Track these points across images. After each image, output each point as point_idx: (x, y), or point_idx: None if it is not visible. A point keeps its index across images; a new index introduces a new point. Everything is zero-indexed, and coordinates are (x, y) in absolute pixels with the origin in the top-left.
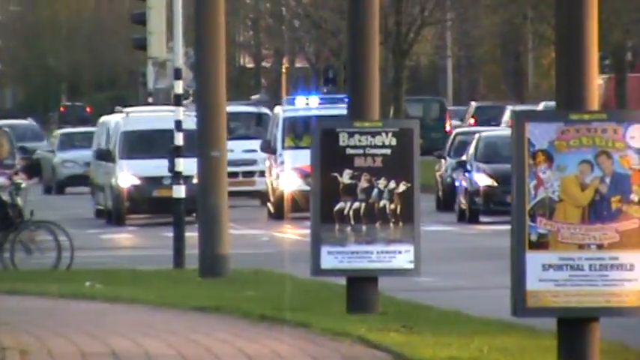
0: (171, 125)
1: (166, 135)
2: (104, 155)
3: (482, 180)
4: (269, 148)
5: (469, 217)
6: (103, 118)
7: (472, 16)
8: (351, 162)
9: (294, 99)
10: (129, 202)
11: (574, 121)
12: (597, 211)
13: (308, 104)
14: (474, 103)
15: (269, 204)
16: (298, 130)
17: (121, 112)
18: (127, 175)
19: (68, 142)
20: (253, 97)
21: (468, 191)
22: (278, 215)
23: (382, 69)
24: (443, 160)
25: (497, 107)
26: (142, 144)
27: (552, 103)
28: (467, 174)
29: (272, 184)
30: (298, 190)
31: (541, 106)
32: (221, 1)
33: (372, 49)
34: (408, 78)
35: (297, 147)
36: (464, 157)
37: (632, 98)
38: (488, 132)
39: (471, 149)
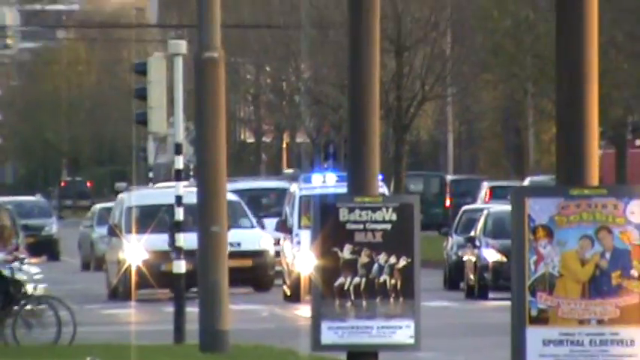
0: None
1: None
2: (113, 230)
3: (491, 255)
4: (285, 228)
5: (478, 293)
6: (121, 195)
7: (473, 91)
8: (352, 237)
9: (310, 176)
10: (138, 276)
11: (574, 196)
12: (597, 286)
13: (325, 182)
14: (449, 177)
15: (284, 286)
16: None
17: (121, 189)
18: (134, 249)
19: (107, 218)
20: (286, 171)
21: (476, 267)
22: (295, 298)
23: (383, 144)
24: (450, 237)
25: (474, 181)
26: (148, 219)
27: (540, 178)
28: (475, 250)
29: (288, 266)
30: None
31: (527, 181)
32: (221, 75)
33: (372, 124)
34: (408, 153)
35: None
36: (472, 233)
37: (633, 174)
38: (497, 207)
39: (480, 225)
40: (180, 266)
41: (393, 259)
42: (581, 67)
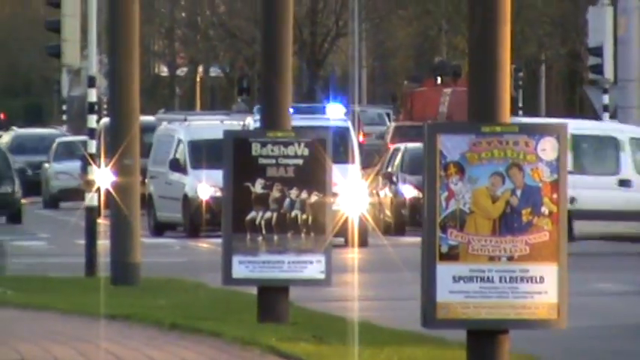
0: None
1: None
2: (176, 165)
3: (409, 192)
4: None
5: (395, 229)
6: (168, 127)
7: (387, 28)
8: (264, 172)
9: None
10: (208, 214)
11: (486, 133)
12: (508, 223)
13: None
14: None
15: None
16: None
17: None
18: (205, 186)
19: (67, 152)
20: (234, 106)
21: (393, 203)
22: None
23: (296, 79)
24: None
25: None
26: (210, 154)
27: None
28: (393, 186)
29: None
30: None
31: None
32: (135, 9)
33: (285, 58)
34: (322, 88)
35: None
36: (389, 169)
37: (455, 112)
38: (415, 144)
39: (397, 161)
40: (93, 199)
41: (304, 194)
42: (493, 6)
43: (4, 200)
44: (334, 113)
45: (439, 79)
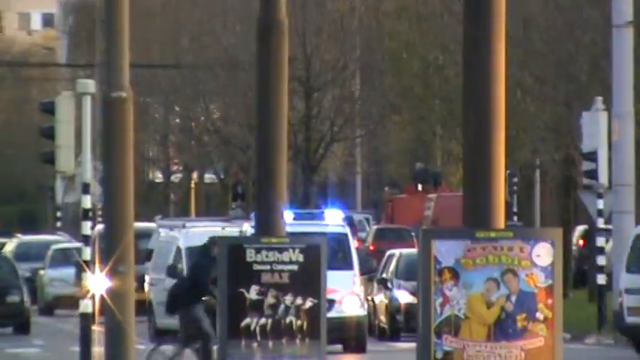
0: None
1: None
2: (173, 271)
3: (404, 297)
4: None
5: (390, 334)
6: (169, 233)
7: (381, 133)
8: (258, 278)
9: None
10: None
11: (480, 239)
12: (503, 329)
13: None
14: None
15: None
16: None
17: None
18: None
19: (63, 259)
20: (231, 212)
21: (389, 309)
22: None
23: (291, 185)
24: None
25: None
26: None
27: None
28: (388, 291)
29: None
30: None
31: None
32: (129, 115)
33: (280, 164)
34: (316, 194)
35: None
36: (384, 275)
37: (440, 216)
38: (410, 250)
39: (392, 266)
40: (87, 306)
41: (299, 300)
42: (488, 111)
43: (13, 310)
44: (332, 219)
45: (419, 186)
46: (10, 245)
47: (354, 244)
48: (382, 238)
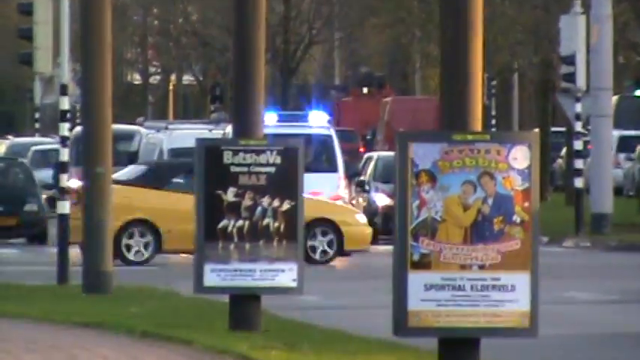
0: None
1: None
2: None
3: (382, 200)
4: None
5: None
6: (152, 136)
7: (360, 36)
8: (236, 180)
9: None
10: None
11: (457, 141)
12: (479, 231)
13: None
14: None
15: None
16: None
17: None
18: None
19: (42, 160)
20: (212, 115)
21: (366, 211)
22: None
23: (269, 87)
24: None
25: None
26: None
27: None
28: (365, 194)
29: None
30: None
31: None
32: (108, 17)
33: (257, 67)
34: (295, 96)
35: None
36: (362, 177)
37: (394, 119)
38: (387, 152)
39: (370, 169)
40: (65, 207)
41: (276, 202)
42: (466, 14)
43: (30, 220)
44: (317, 121)
45: (364, 90)
46: (2, 147)
47: (338, 146)
48: None
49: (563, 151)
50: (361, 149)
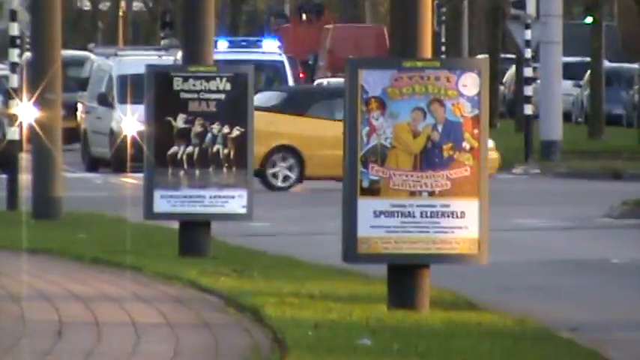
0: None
1: None
2: (104, 100)
3: None
4: None
5: None
6: (102, 62)
7: None
8: (185, 106)
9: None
10: (133, 148)
11: (407, 68)
12: (429, 158)
13: (216, 49)
14: None
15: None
16: None
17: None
18: (130, 120)
19: None
20: (163, 41)
21: None
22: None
23: (220, 14)
24: None
25: None
26: (140, 89)
27: None
28: None
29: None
30: None
31: None
32: None
33: None
34: (246, 22)
35: None
36: None
37: (336, 47)
38: (338, 79)
39: None
40: (15, 133)
41: (226, 129)
42: None
43: None
44: (269, 47)
45: (303, 16)
46: None
47: (292, 73)
48: None
49: (505, 77)
50: (301, 75)
